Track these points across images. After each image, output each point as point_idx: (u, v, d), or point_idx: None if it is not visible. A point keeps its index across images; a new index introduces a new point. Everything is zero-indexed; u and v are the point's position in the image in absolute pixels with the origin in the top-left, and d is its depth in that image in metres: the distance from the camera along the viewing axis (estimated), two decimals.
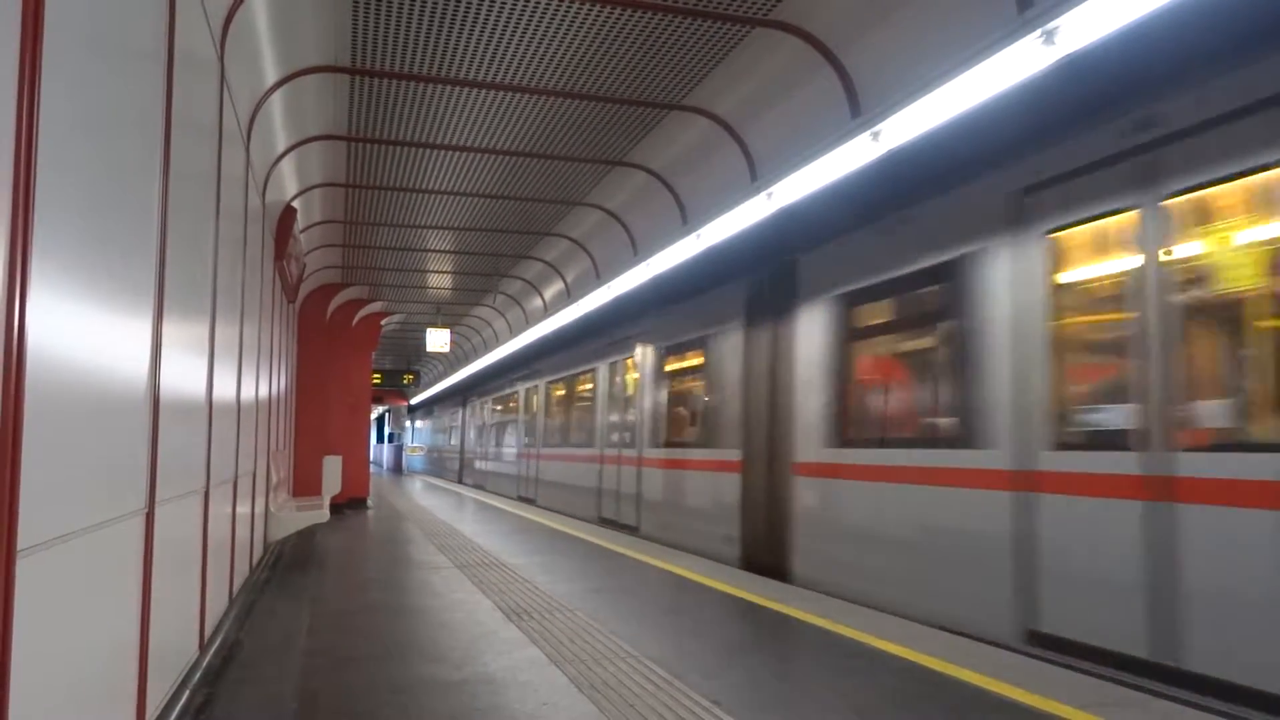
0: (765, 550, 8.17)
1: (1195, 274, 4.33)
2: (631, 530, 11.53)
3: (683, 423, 10.74)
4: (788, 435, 7.89)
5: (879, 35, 6.05)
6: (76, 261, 2.20)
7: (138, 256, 2.89)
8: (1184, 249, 4.37)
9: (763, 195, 7.46)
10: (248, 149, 6.14)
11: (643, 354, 11.76)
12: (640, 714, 3.82)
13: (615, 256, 11.89)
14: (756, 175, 8.02)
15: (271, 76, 6.34)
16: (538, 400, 18.07)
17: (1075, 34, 4.37)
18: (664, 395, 11.18)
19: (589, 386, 14.46)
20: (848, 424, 7.03)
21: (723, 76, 7.20)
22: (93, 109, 2.35)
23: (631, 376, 12.24)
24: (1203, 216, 4.32)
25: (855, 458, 6.79)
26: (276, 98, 6.62)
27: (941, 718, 3.83)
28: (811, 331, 7.58)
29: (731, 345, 9.27)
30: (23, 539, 1.81)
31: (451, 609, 6.13)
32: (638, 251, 11.05)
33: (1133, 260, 4.60)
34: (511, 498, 19.03)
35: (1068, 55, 4.46)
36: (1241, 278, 4.12)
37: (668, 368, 11.13)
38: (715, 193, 8.72)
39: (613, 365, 13.16)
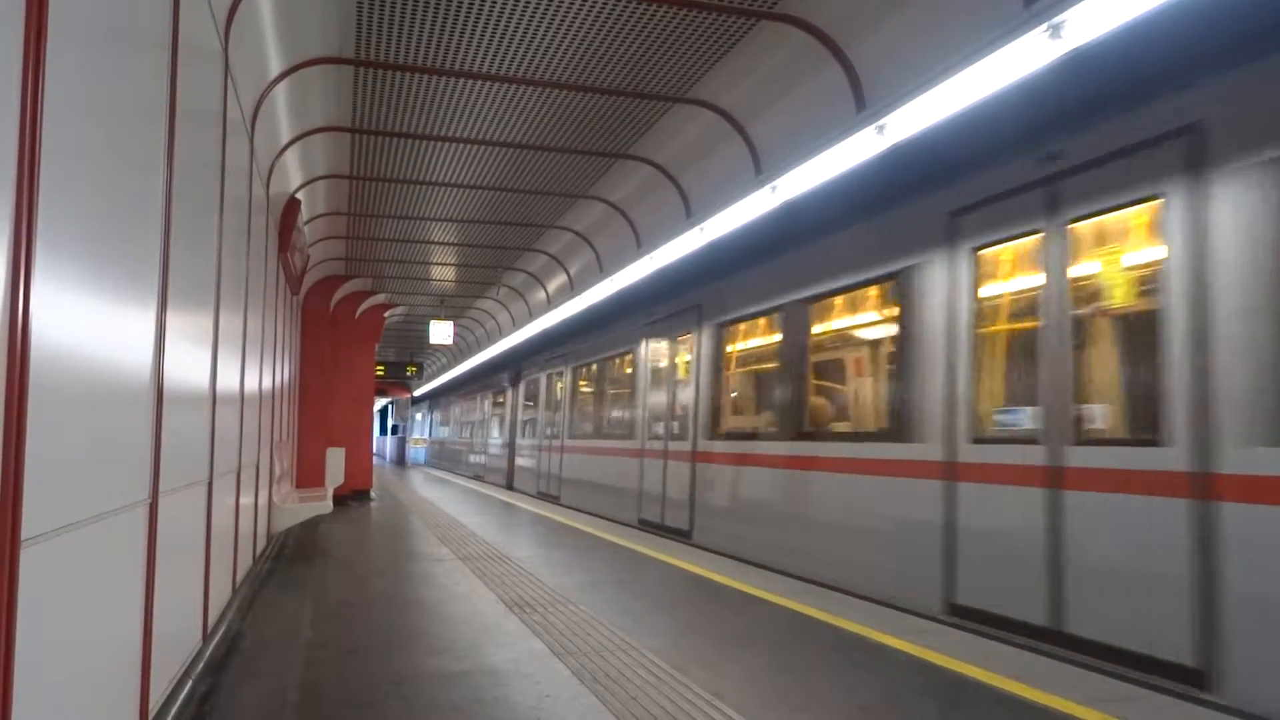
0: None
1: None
2: (681, 536, 10.08)
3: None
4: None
5: (884, 29, 6.03)
6: (81, 251, 2.20)
7: (142, 247, 2.89)
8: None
9: (767, 189, 7.44)
10: (252, 140, 6.14)
11: (697, 332, 10.24)
12: (643, 706, 3.82)
13: (619, 249, 11.88)
14: (761, 169, 8.00)
15: (276, 67, 6.33)
16: (562, 387, 16.77)
17: (1082, 28, 4.35)
18: (730, 378, 9.64)
19: (627, 371, 13.09)
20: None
21: (727, 70, 7.18)
22: (97, 98, 2.35)
23: (682, 358, 10.77)
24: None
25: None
26: (281, 89, 6.61)
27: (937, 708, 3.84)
28: None
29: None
30: (27, 529, 1.81)
31: (454, 601, 6.15)
32: (641, 245, 11.04)
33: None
34: (530, 494, 17.86)
35: (1075, 49, 4.44)
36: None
37: (735, 345, 9.59)
38: (719, 186, 8.70)
39: (673, 343, 11.17)
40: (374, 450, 21.24)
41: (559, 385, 16.94)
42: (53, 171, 1.92)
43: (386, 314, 17.24)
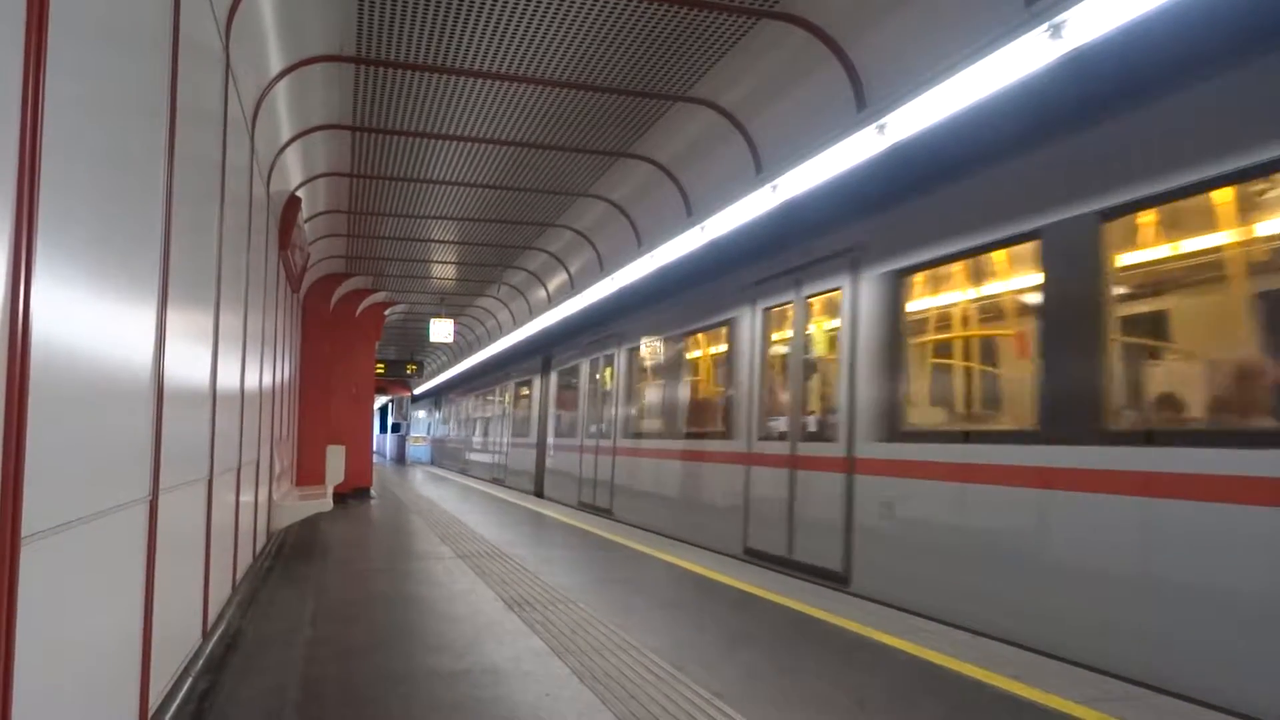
0: None
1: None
2: (836, 580, 6.97)
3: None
4: None
5: (885, 28, 6.03)
6: (81, 248, 2.20)
7: (142, 244, 2.89)
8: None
9: (767, 187, 7.44)
10: (252, 138, 6.14)
11: (850, 285, 7.18)
12: (641, 705, 3.83)
13: (619, 248, 11.87)
14: (761, 168, 8.00)
15: (276, 65, 6.33)
16: (613, 374, 13.54)
17: (1083, 28, 4.35)
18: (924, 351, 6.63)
19: (717, 349, 10.03)
20: None
21: (728, 69, 7.17)
22: (98, 96, 2.35)
23: (822, 326, 7.75)
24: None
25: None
26: (281, 87, 6.61)
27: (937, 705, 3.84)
28: None
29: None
30: (27, 526, 1.81)
31: (454, 599, 6.15)
32: (642, 243, 11.03)
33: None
34: (568, 504, 14.94)
35: (1075, 49, 4.44)
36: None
37: (935, 301, 6.51)
38: (720, 185, 8.70)
39: (802, 305, 8.00)
40: (374, 448, 20.97)
41: (607, 372, 13.70)
42: (53, 169, 1.93)
43: (387, 312, 17.23)
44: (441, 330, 18.83)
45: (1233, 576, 4.05)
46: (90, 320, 2.31)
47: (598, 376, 14.26)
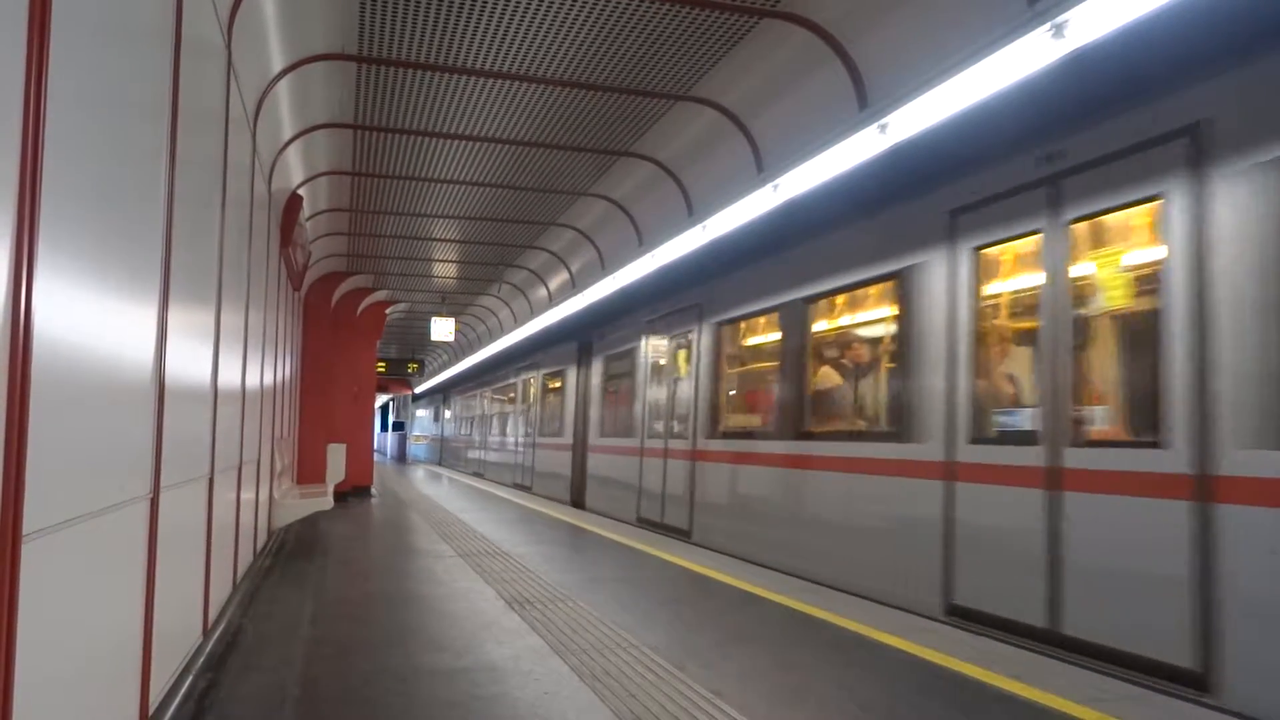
0: None
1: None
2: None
3: None
4: None
5: (887, 27, 6.02)
6: (83, 246, 2.21)
7: (144, 242, 2.90)
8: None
9: (769, 187, 7.44)
10: (254, 136, 6.14)
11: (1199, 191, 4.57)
12: (641, 703, 3.83)
13: (620, 247, 11.87)
14: (763, 167, 8.00)
15: (278, 64, 6.33)
16: (688, 358, 10.54)
17: (1085, 28, 4.34)
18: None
19: (884, 312, 7.12)
20: None
21: (730, 68, 7.17)
22: (100, 94, 2.35)
23: (1111, 266, 5.08)
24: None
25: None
26: (283, 85, 6.62)
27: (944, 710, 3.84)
28: None
29: None
30: (28, 523, 1.82)
31: (454, 598, 6.15)
32: (643, 242, 11.03)
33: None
34: (622, 519, 12.06)
35: (1077, 49, 4.43)
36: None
37: None
38: (721, 184, 8.69)
39: (1054, 237, 5.29)
40: (375, 447, 20.77)
41: (680, 357, 10.84)
42: (55, 167, 1.93)
43: (388, 310, 17.25)
44: (442, 329, 18.84)
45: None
46: (92, 318, 2.31)
47: (665, 362, 11.24)
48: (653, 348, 11.77)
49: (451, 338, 19.70)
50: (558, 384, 17.12)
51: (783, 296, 8.35)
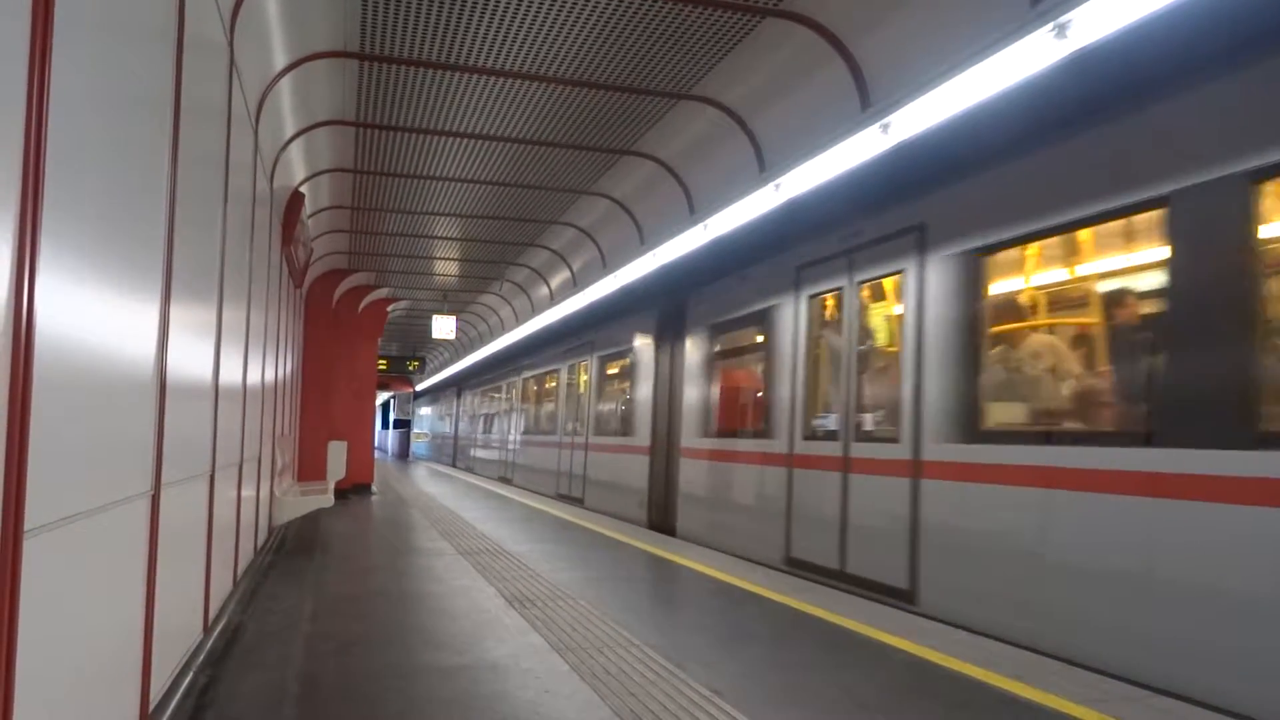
0: None
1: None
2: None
3: None
4: None
5: (889, 27, 6.02)
6: (85, 243, 2.21)
7: (146, 239, 2.90)
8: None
9: (770, 186, 7.44)
10: (256, 133, 6.14)
11: None
12: (641, 701, 3.83)
13: (622, 245, 11.87)
14: (765, 166, 8.00)
15: (281, 61, 6.33)
16: (918, 306, 6.49)
17: (1087, 28, 4.34)
18: None
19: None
20: None
21: (732, 66, 7.17)
22: (103, 91, 2.35)
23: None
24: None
25: None
26: (285, 82, 6.62)
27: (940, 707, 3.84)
28: None
29: None
30: (30, 520, 1.82)
31: (454, 595, 6.16)
32: (644, 241, 11.03)
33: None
34: (757, 559, 8.25)
35: (1079, 49, 4.43)
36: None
37: None
38: (723, 183, 8.69)
39: None
40: (376, 444, 20.58)
41: (879, 314, 7.29)
42: (58, 164, 1.93)
43: (389, 308, 17.25)
44: (444, 327, 18.84)
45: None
46: (93, 315, 2.31)
47: (848, 324, 7.35)
48: (817, 305, 7.93)
49: (453, 335, 19.70)
50: (622, 368, 13.58)
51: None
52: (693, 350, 10.74)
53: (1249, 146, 4.12)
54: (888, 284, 7.08)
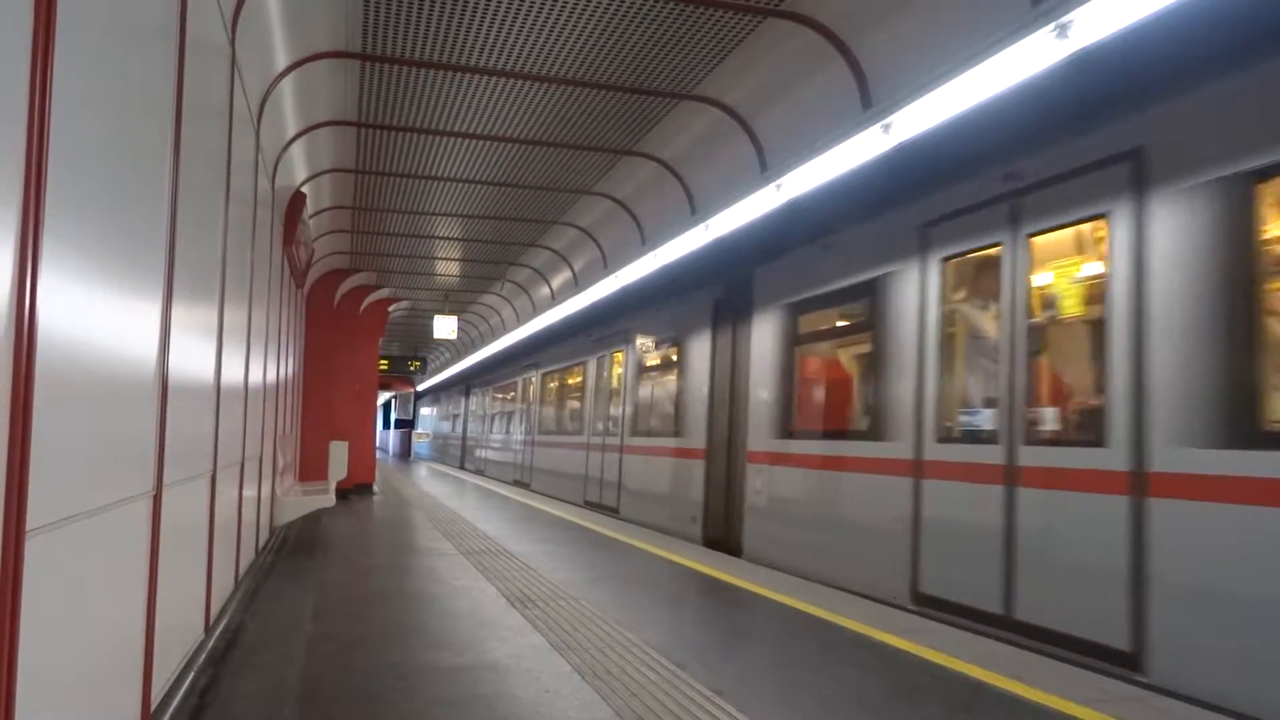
0: None
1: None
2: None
3: None
4: None
5: (891, 27, 6.02)
6: (87, 243, 2.21)
7: (148, 239, 2.90)
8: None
9: (772, 186, 7.43)
10: (258, 133, 6.14)
11: None
12: (643, 702, 3.83)
13: (623, 246, 11.87)
14: (766, 166, 7.99)
15: (282, 61, 6.34)
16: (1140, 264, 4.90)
17: (1089, 28, 4.34)
18: None
19: None
20: None
21: (733, 67, 7.17)
22: (105, 92, 2.35)
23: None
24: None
25: None
26: (287, 82, 6.62)
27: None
28: None
29: None
30: (32, 519, 1.82)
31: (455, 595, 6.16)
32: (646, 241, 11.03)
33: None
34: (866, 592, 6.68)
35: (1081, 49, 4.43)
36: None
37: None
38: (724, 183, 8.69)
39: None
40: (377, 444, 20.49)
41: (1064, 279, 5.56)
42: (60, 164, 1.93)
43: (391, 308, 17.25)
44: (445, 327, 18.86)
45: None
46: (95, 314, 2.32)
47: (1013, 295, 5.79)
48: (955, 270, 6.36)
49: (454, 335, 19.70)
50: (666, 359, 11.89)
51: None
52: (762, 335, 8.95)
53: None
54: (1079, 234, 5.40)
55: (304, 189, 9.16)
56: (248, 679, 4.17)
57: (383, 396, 43.05)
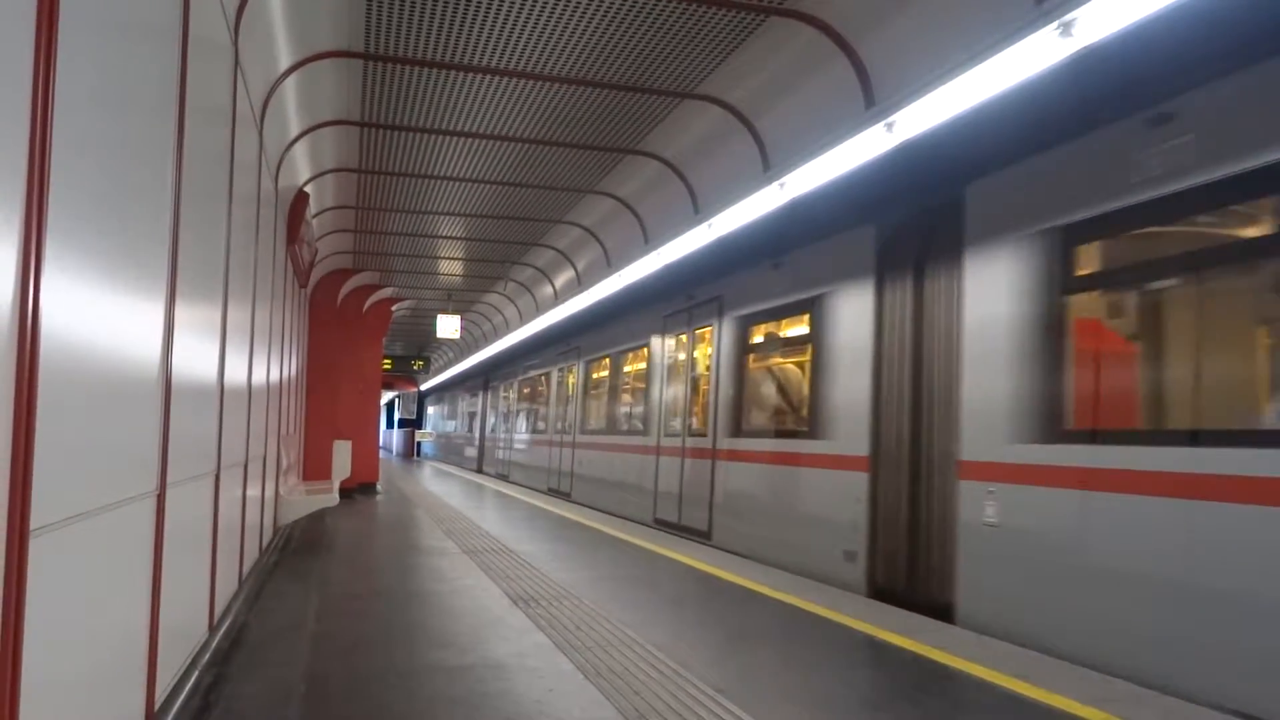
0: None
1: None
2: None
3: None
4: None
5: (894, 25, 6.01)
6: (90, 243, 2.21)
7: (151, 239, 2.90)
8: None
9: (775, 185, 7.43)
10: (261, 133, 6.15)
11: None
12: (646, 701, 3.83)
13: (626, 245, 11.88)
14: (769, 165, 7.99)
15: (285, 61, 6.34)
16: None
17: (1092, 27, 4.33)
18: None
19: None
20: None
21: (736, 65, 7.16)
22: (108, 91, 2.36)
23: None
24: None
25: None
26: (290, 82, 6.63)
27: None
28: None
29: None
30: (35, 519, 1.82)
31: (459, 595, 6.16)
32: (649, 240, 11.03)
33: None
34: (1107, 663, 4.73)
35: (1085, 47, 4.42)
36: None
37: None
38: (727, 182, 8.69)
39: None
40: (380, 443, 20.56)
41: None
42: (63, 164, 1.93)
43: (394, 308, 17.26)
44: (448, 326, 18.87)
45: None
46: (98, 314, 2.32)
47: None
48: None
49: (457, 334, 19.71)
50: (786, 333, 9.12)
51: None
52: (982, 289, 5.89)
53: None
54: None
55: (307, 188, 9.17)
56: (251, 678, 4.18)
57: (386, 396, 43.10)
